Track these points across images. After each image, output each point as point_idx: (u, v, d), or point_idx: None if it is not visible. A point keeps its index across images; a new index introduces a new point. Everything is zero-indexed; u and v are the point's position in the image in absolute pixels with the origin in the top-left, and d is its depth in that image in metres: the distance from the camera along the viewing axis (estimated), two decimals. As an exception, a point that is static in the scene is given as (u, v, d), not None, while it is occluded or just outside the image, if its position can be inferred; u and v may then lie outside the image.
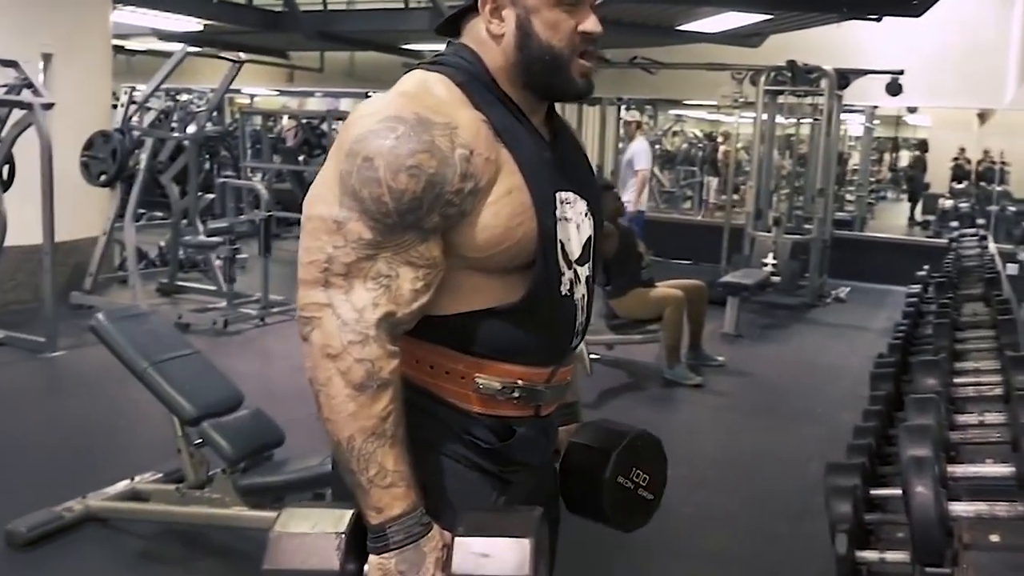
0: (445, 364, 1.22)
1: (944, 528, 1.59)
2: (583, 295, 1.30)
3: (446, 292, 1.19)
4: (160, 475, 3.19)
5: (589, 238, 1.32)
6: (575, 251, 1.28)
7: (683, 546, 3.21)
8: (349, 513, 1.14)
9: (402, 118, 1.13)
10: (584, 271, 1.30)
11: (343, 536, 1.11)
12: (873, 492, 2.09)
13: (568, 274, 1.26)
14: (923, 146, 15.01)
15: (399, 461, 1.13)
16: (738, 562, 3.14)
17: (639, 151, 7.82)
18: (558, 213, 1.24)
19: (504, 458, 1.26)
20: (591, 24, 1.23)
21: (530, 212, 1.19)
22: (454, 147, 1.14)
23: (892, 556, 1.88)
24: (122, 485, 3.15)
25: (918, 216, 13.27)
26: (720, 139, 13.85)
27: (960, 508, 1.65)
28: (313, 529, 1.12)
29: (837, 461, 2.34)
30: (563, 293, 1.25)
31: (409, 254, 1.14)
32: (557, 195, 1.24)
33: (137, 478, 3.19)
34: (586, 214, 1.31)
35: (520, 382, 1.24)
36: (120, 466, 3.33)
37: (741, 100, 8.45)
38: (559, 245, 1.24)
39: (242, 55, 6.93)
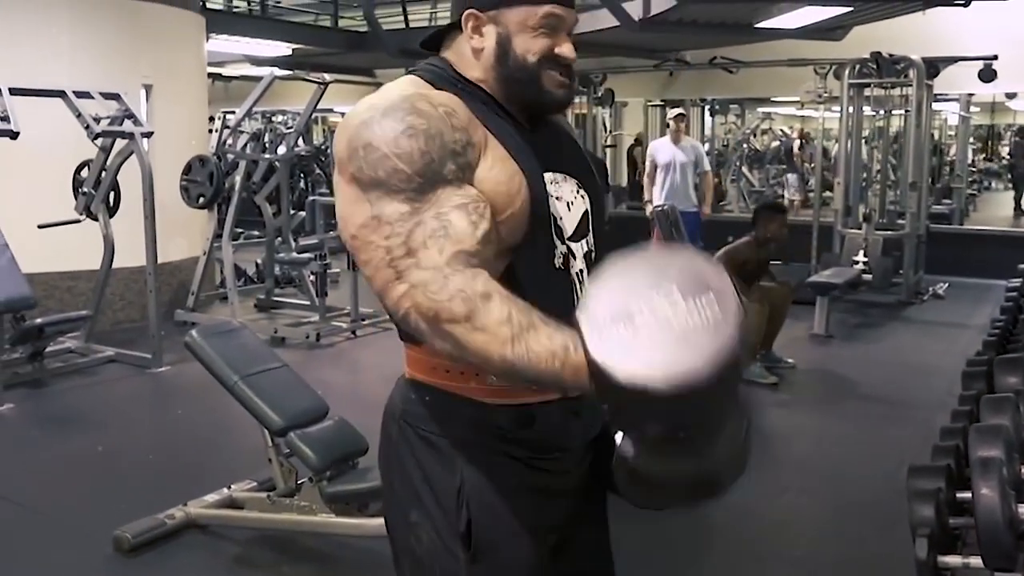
0: (457, 363, 1.27)
1: (1014, 531, 1.56)
2: (582, 269, 1.34)
3: None
4: (254, 484, 3.33)
5: (585, 213, 1.37)
6: (568, 227, 1.33)
7: (768, 551, 3.18)
8: None
9: (377, 105, 1.22)
10: (581, 247, 1.35)
11: None
12: (960, 496, 2.04)
13: (561, 248, 1.31)
14: (1017, 130, 14.29)
15: (560, 333, 1.11)
16: (824, 568, 3.08)
17: (701, 153, 7.47)
18: (548, 190, 1.29)
19: (531, 444, 1.31)
20: (567, 50, 1.31)
21: (520, 178, 1.25)
22: (435, 107, 1.22)
23: (976, 561, 1.83)
24: (219, 493, 3.29)
25: (1024, 206, 12.68)
26: (795, 135, 13.49)
27: (1032, 511, 1.62)
28: None
29: (920, 464, 2.29)
30: (557, 266, 1.30)
31: (451, 201, 1.18)
32: (544, 176, 1.29)
33: (233, 486, 3.33)
34: (578, 192, 1.36)
35: None
36: (218, 475, 3.49)
37: (825, 95, 8.24)
38: (551, 220, 1.29)
39: (327, 76, 7.15)
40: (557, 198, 1.32)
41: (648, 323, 1.01)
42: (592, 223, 1.38)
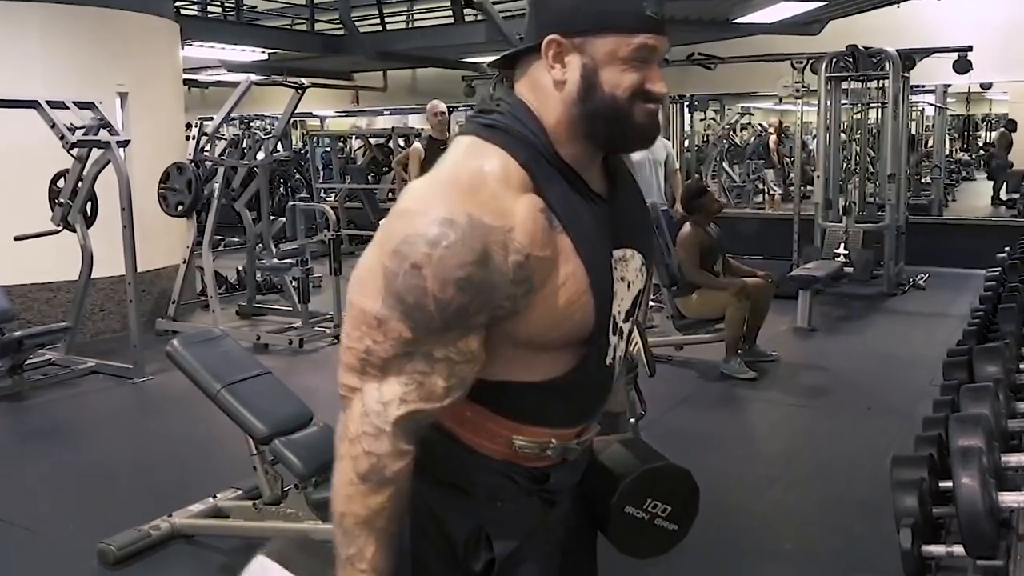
0: (483, 423, 1.22)
1: (995, 519, 1.57)
2: (620, 355, 1.29)
3: (492, 359, 1.16)
4: (240, 492, 3.31)
5: (639, 292, 1.30)
6: (623, 310, 1.26)
7: (756, 545, 3.19)
8: None
9: (454, 222, 1.06)
10: (628, 326, 1.29)
11: None
12: (943, 485, 2.05)
13: (614, 342, 1.25)
14: (1004, 123, 14.42)
15: (378, 555, 1.14)
16: (812, 561, 3.10)
17: (670, 150, 7.33)
18: (614, 276, 1.22)
19: (542, 492, 1.29)
20: (660, 87, 1.17)
21: (587, 296, 1.16)
22: (508, 254, 1.08)
23: (959, 550, 1.84)
24: (205, 503, 3.27)
25: (1003, 196, 12.77)
26: (771, 130, 13.57)
27: (1013, 498, 1.63)
28: None
29: (903, 454, 2.30)
30: (607, 364, 1.26)
31: (448, 350, 1.11)
32: (613, 254, 1.22)
33: (219, 495, 3.30)
34: (640, 269, 1.29)
35: (553, 441, 1.25)
36: (203, 484, 3.46)
37: (803, 89, 8.29)
38: (612, 319, 1.22)
39: (304, 81, 7.12)
40: (621, 278, 1.23)
41: None
42: (642, 301, 1.31)
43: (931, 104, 12.30)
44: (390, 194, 10.69)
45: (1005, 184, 12.63)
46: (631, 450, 1.40)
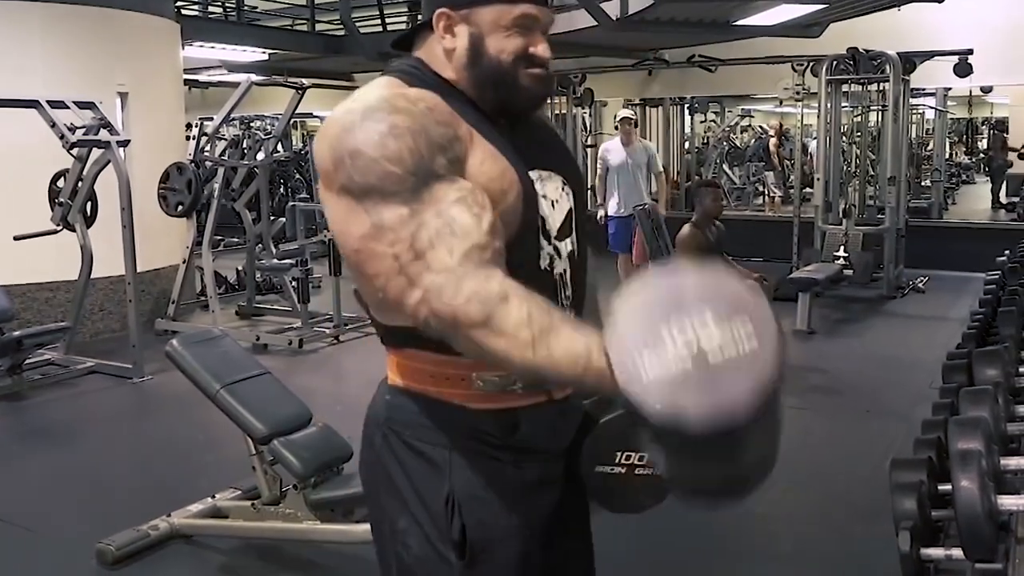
0: (442, 370, 1.26)
1: (994, 522, 1.57)
2: (565, 269, 1.32)
3: None
4: (239, 492, 3.31)
5: (569, 211, 1.34)
6: (554, 227, 1.30)
7: (754, 547, 3.19)
8: None
9: (355, 109, 1.18)
10: (565, 246, 1.32)
11: None
12: (942, 488, 2.05)
13: (547, 248, 1.29)
14: (993, 123, 14.43)
15: (573, 338, 1.08)
16: (810, 563, 3.09)
17: (654, 153, 7.30)
18: (536, 188, 1.27)
19: (516, 448, 1.29)
20: (542, 49, 1.28)
21: (512, 174, 1.22)
22: (415, 103, 1.18)
23: (958, 553, 1.84)
24: (204, 503, 3.27)
25: (1003, 198, 12.77)
26: (772, 132, 13.57)
27: (1012, 501, 1.63)
28: None
29: (902, 457, 2.31)
30: (542, 268, 1.28)
31: (449, 196, 1.14)
32: (529, 174, 1.27)
33: (217, 495, 3.30)
34: (563, 189, 1.34)
35: None
36: (202, 484, 3.46)
37: (803, 92, 8.29)
38: (540, 220, 1.27)
39: (305, 81, 7.12)
40: (543, 196, 1.29)
41: (682, 354, 0.96)
42: (576, 222, 1.35)
43: (931, 107, 12.30)
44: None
45: (1005, 185, 12.63)
46: (602, 408, 1.33)
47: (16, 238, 5.46)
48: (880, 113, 8.14)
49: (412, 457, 1.29)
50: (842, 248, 7.39)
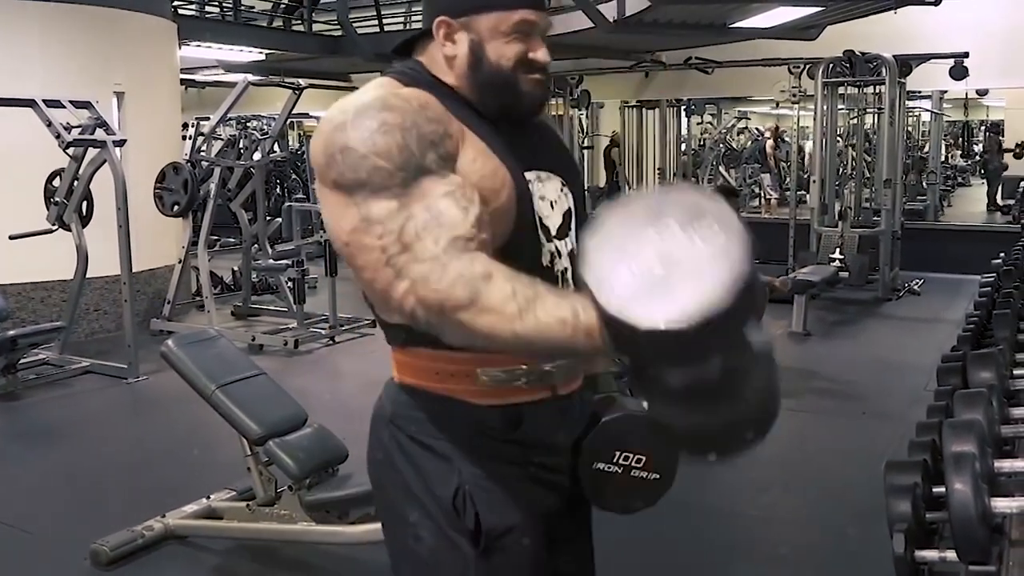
0: (448, 367, 1.28)
1: (987, 525, 1.57)
2: (567, 267, 1.34)
3: None
4: (233, 493, 3.30)
5: (568, 211, 1.36)
6: (553, 226, 1.32)
7: (750, 549, 3.20)
8: None
9: (348, 108, 1.21)
10: (566, 244, 1.34)
11: None
12: (936, 490, 2.05)
13: (548, 247, 1.31)
14: (988, 126, 14.47)
15: (559, 303, 1.09)
16: (806, 565, 3.10)
17: None
18: (531, 189, 1.28)
19: (521, 443, 1.31)
20: (542, 55, 1.30)
21: (504, 172, 1.24)
22: (407, 101, 1.21)
23: (952, 555, 1.84)
24: (198, 504, 3.27)
25: (999, 201, 12.79)
26: (768, 134, 13.59)
27: (1005, 504, 1.63)
28: None
29: (897, 459, 2.31)
30: (544, 265, 1.30)
31: (437, 190, 1.16)
32: (526, 175, 1.29)
33: (212, 496, 3.30)
34: (562, 190, 1.36)
35: (524, 366, 1.28)
36: (197, 485, 3.45)
37: (800, 94, 8.30)
38: (537, 219, 1.28)
39: (302, 81, 7.12)
40: (541, 197, 1.31)
41: (653, 264, 1.00)
42: (575, 221, 1.37)
43: (927, 110, 12.33)
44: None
45: (1000, 188, 12.66)
46: (604, 407, 1.36)
47: (11, 237, 5.46)
48: (876, 115, 8.16)
49: (420, 451, 1.31)
50: (838, 250, 7.41)
